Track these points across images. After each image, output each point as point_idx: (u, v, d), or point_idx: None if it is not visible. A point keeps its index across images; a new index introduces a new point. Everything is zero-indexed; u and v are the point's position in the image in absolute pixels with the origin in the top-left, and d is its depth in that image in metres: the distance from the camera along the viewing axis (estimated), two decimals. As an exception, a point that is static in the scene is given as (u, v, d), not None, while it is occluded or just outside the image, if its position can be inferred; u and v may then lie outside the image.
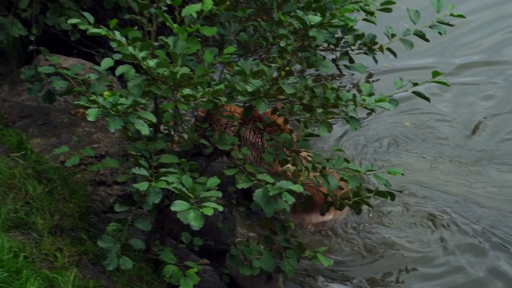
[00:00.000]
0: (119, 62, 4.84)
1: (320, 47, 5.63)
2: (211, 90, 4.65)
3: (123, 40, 4.68)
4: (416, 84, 5.17)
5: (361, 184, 5.47)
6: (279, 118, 5.77)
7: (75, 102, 5.12)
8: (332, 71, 5.92)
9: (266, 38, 5.42)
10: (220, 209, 4.39)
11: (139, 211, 5.23)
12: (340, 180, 5.38)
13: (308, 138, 5.50)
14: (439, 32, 5.51)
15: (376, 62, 5.89)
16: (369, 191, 5.52)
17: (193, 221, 4.31)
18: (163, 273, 5.04)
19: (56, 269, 4.93)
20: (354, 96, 5.11)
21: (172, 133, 5.41)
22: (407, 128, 8.25)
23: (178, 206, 4.38)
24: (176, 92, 4.71)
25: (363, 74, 8.78)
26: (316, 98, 5.15)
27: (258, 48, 5.64)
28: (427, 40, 5.60)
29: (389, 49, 5.77)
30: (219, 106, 5.18)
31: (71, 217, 5.41)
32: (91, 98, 4.52)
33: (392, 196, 5.42)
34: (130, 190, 5.23)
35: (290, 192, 4.74)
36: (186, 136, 5.37)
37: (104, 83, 5.41)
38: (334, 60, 5.90)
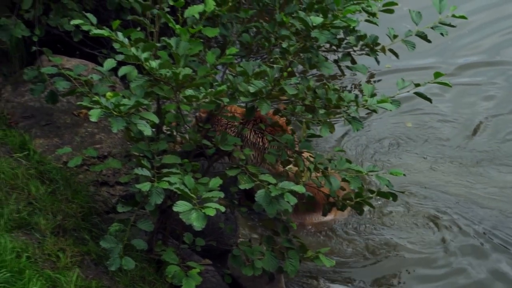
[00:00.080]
0: (121, 63, 4.85)
1: (322, 48, 5.64)
2: (213, 91, 4.66)
3: (126, 41, 4.69)
4: (418, 85, 5.17)
5: (363, 185, 5.48)
6: (281, 119, 5.77)
7: (78, 102, 5.13)
8: (333, 72, 5.91)
9: (268, 39, 5.43)
10: (222, 209, 4.39)
11: (141, 212, 5.23)
12: (342, 180, 5.39)
13: (310, 139, 5.51)
14: (441, 33, 5.51)
15: (378, 63, 5.88)
16: (371, 192, 5.52)
17: (195, 221, 4.31)
18: (165, 273, 5.05)
19: (59, 269, 4.93)
20: (356, 97, 5.11)
21: (175, 133, 5.41)
22: (409, 128, 8.25)
23: (180, 206, 4.38)
24: (178, 93, 4.71)
25: (365, 75, 8.77)
26: (318, 99, 5.16)
27: (261, 49, 5.64)
28: (429, 41, 5.61)
29: (391, 50, 5.78)
30: (221, 107, 5.18)
31: (74, 217, 5.42)
32: (93, 99, 4.53)
33: (394, 197, 5.43)
34: (133, 191, 5.24)
35: (292, 192, 4.74)
36: (188, 137, 5.38)
37: (106, 84, 5.41)
38: (336, 61, 5.90)
